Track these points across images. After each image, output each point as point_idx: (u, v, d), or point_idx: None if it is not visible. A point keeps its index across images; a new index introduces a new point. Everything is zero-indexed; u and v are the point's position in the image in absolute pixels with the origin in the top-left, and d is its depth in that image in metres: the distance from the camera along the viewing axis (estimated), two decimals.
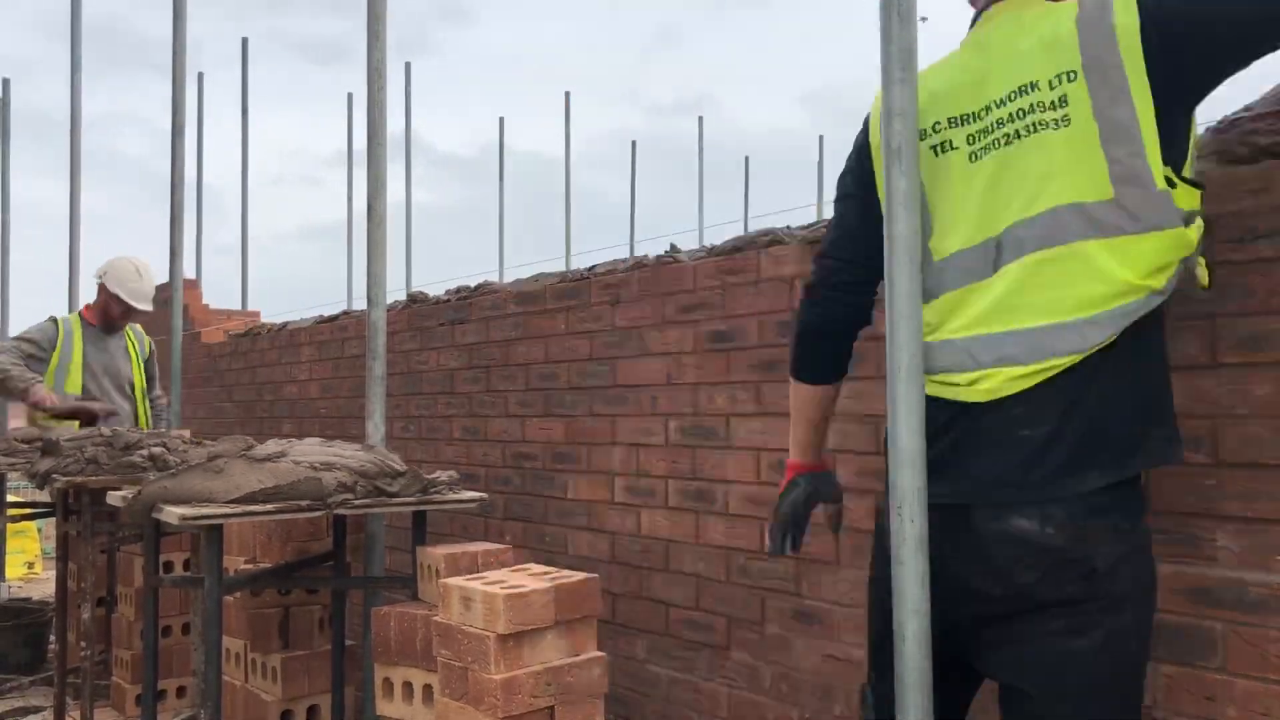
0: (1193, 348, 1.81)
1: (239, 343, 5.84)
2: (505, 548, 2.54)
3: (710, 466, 2.81)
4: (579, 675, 2.08)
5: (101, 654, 4.33)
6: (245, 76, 9.95)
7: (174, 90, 5.00)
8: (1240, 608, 1.75)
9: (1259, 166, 1.73)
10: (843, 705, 2.44)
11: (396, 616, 2.41)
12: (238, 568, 3.51)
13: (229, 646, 3.57)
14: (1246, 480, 1.75)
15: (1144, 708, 1.86)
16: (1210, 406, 1.79)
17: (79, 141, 6.76)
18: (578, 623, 2.20)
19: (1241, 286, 1.75)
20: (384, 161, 3.20)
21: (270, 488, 2.45)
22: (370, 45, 3.17)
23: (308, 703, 3.41)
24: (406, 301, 4.34)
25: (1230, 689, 1.76)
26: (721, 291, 2.77)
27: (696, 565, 2.84)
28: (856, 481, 2.41)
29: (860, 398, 2.40)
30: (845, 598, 2.43)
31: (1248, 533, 1.74)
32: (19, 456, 4.00)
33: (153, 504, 2.48)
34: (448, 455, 3.96)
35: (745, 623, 2.69)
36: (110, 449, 3.32)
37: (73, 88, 6.75)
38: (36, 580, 8.02)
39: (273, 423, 5.34)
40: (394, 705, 2.41)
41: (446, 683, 2.12)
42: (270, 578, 3.14)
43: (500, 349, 3.68)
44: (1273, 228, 1.72)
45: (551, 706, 2.03)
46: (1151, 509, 1.86)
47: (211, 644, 2.47)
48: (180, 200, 5.04)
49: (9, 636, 4.98)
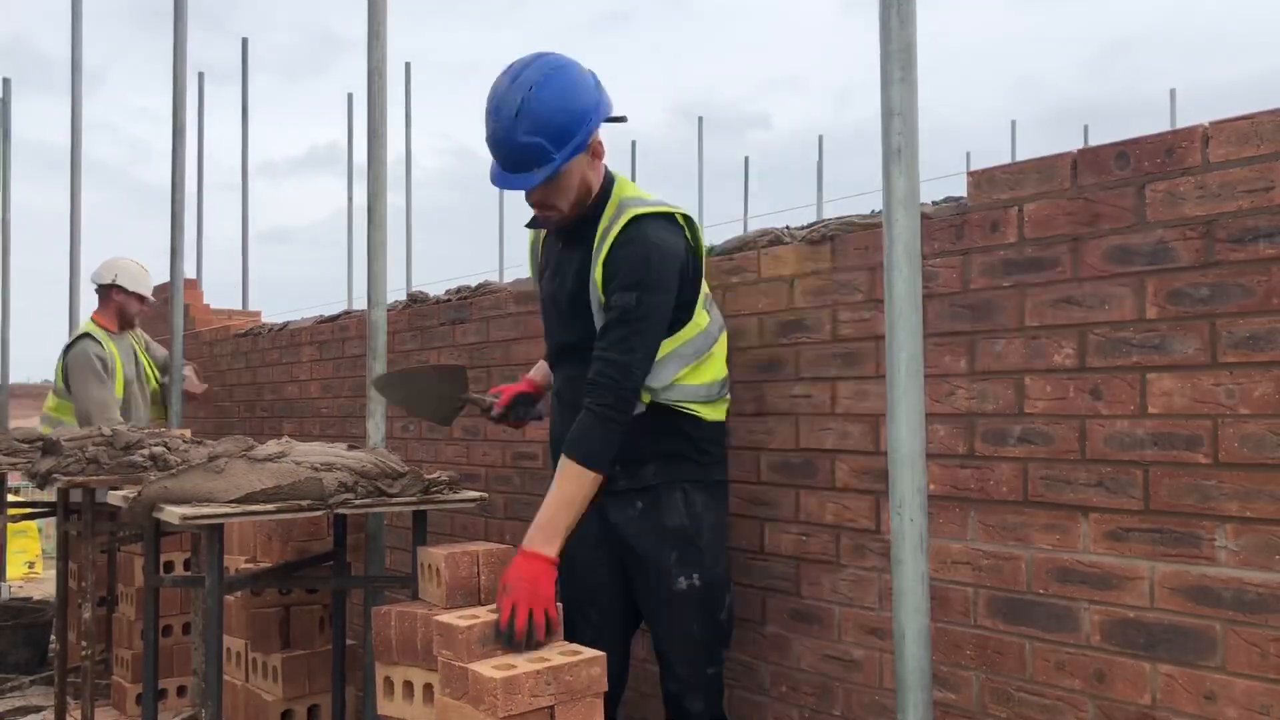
0: (1193, 348, 1.82)
1: (239, 342, 5.84)
2: (505, 548, 2.53)
3: None
4: (579, 675, 2.08)
5: (102, 653, 4.33)
6: (245, 76, 9.96)
7: (174, 90, 5.00)
8: (1240, 608, 1.75)
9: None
10: (842, 705, 2.44)
11: (397, 616, 2.41)
12: (238, 567, 3.51)
13: (229, 646, 3.57)
14: (1246, 480, 1.75)
15: (1144, 707, 1.87)
16: (1210, 406, 1.79)
17: (79, 143, 6.76)
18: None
19: (1241, 286, 1.76)
20: (384, 162, 3.20)
21: (271, 488, 2.45)
22: (370, 45, 3.16)
23: (308, 702, 3.41)
24: (407, 301, 4.34)
25: (1230, 689, 1.76)
26: (721, 291, 2.78)
27: None
28: (856, 481, 2.41)
29: (860, 398, 2.40)
30: (845, 598, 2.43)
31: (1248, 533, 1.75)
32: (19, 456, 4.00)
33: (153, 504, 2.48)
34: (448, 455, 3.96)
35: (745, 623, 2.69)
36: (110, 449, 3.32)
37: (73, 88, 6.75)
38: (37, 580, 8.02)
39: (273, 422, 5.34)
40: (395, 704, 2.42)
41: (447, 682, 2.12)
42: (271, 577, 3.14)
43: (501, 349, 3.68)
44: (1273, 228, 1.72)
45: (552, 706, 2.03)
46: (1151, 508, 1.86)
47: (212, 644, 2.48)
48: (181, 200, 5.04)
49: (9, 636, 4.98)
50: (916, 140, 1.59)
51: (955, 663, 2.19)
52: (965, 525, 2.17)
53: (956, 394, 2.19)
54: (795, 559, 2.56)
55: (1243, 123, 1.76)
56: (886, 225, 1.59)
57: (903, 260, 1.57)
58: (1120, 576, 1.91)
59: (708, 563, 2.40)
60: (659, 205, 2.37)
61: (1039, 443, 2.04)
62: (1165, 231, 1.85)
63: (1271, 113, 1.73)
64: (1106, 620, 1.93)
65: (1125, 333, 1.91)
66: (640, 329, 2.26)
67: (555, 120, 2.22)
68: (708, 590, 2.40)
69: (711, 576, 2.41)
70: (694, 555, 2.38)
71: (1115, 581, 1.92)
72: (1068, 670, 1.99)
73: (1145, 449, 1.88)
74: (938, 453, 2.20)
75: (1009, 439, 2.09)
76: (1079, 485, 1.98)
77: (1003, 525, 2.10)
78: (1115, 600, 1.92)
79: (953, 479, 2.19)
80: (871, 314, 2.36)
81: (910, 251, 1.57)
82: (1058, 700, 2.01)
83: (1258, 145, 1.74)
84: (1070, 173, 2.00)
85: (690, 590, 2.38)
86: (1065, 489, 2.00)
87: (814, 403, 2.51)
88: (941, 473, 2.21)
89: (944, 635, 2.19)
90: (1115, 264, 1.92)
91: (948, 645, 2.19)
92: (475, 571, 2.46)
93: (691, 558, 2.38)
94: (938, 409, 2.20)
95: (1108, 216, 1.94)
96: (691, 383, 2.40)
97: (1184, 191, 1.83)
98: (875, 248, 2.36)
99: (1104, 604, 1.94)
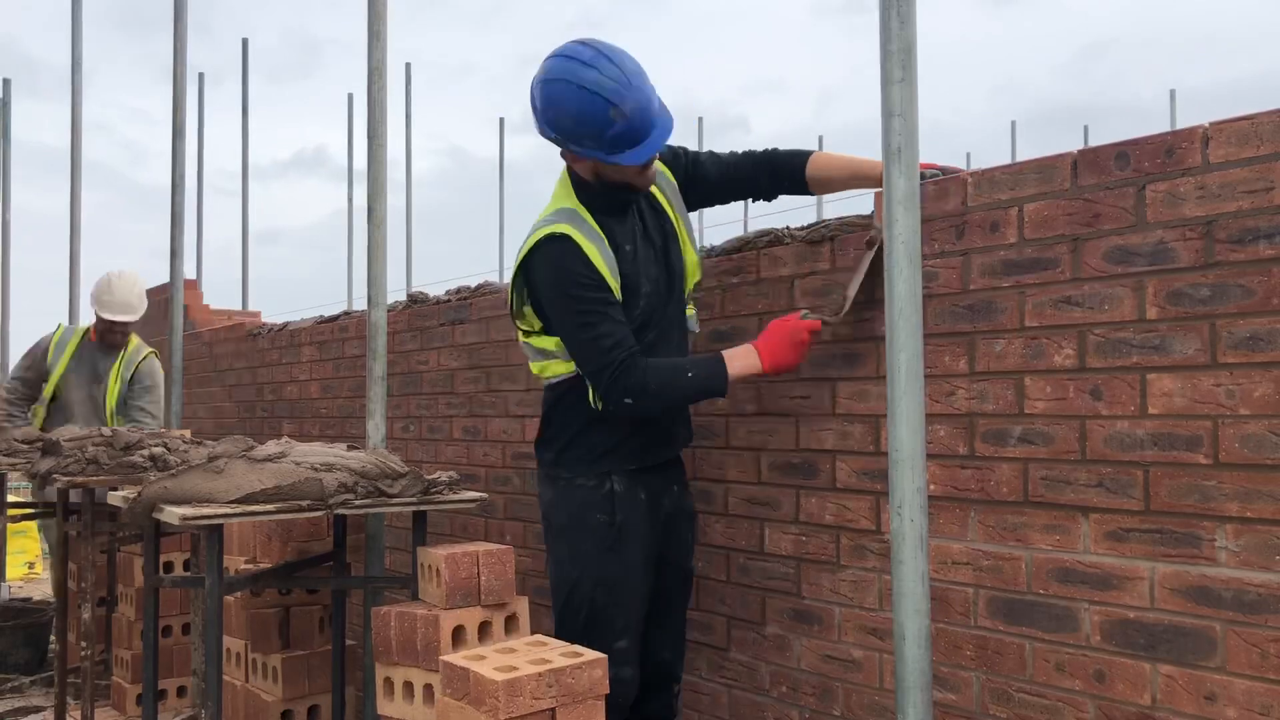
0: (1193, 348, 1.82)
1: (239, 343, 5.84)
2: (506, 548, 2.53)
3: (710, 466, 2.81)
4: (580, 676, 2.08)
5: (102, 654, 4.33)
6: (245, 76, 9.96)
7: (174, 90, 5.00)
8: (1240, 608, 1.75)
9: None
10: (842, 705, 2.44)
11: (397, 616, 2.41)
12: (238, 568, 3.51)
13: (229, 646, 3.57)
14: (1246, 480, 1.75)
15: (1144, 707, 1.87)
16: (1210, 407, 1.79)
17: (79, 143, 6.76)
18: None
19: (1242, 286, 1.76)
20: (384, 162, 3.20)
21: (271, 488, 2.46)
22: (370, 45, 3.16)
23: (308, 702, 3.41)
24: (406, 302, 4.34)
25: (1230, 689, 1.76)
26: (721, 291, 2.78)
27: (696, 565, 2.84)
28: (856, 482, 2.41)
29: (860, 398, 2.40)
30: (845, 598, 2.43)
31: (1248, 533, 1.75)
32: (19, 456, 4.00)
33: (153, 504, 2.48)
34: (448, 455, 3.96)
35: (745, 623, 2.69)
36: (110, 449, 3.33)
37: (73, 89, 6.75)
38: (37, 580, 8.02)
39: (273, 423, 5.34)
40: (394, 705, 2.42)
41: (447, 683, 2.13)
42: (270, 578, 3.14)
43: (500, 349, 3.68)
44: (1273, 227, 1.72)
45: (553, 708, 2.03)
46: (1151, 509, 1.86)
47: (212, 644, 2.48)
48: (181, 200, 5.04)
49: (9, 636, 4.98)
50: (917, 140, 1.60)
51: (955, 663, 2.19)
52: (965, 525, 2.17)
53: (956, 394, 2.19)
54: (795, 559, 2.56)
55: (1243, 123, 1.76)
56: (886, 225, 1.59)
57: (903, 260, 1.57)
58: (1120, 577, 1.91)
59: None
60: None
61: (1039, 443, 2.04)
62: (1165, 232, 1.85)
63: (1271, 113, 1.73)
64: (1106, 621, 1.93)
65: (1125, 333, 1.91)
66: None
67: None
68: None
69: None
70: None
71: (1115, 582, 1.92)
72: (1068, 671, 1.99)
73: (1145, 449, 1.88)
74: (938, 453, 2.20)
75: (1009, 439, 2.09)
76: (1079, 485, 1.98)
77: (1003, 525, 2.10)
78: (1115, 601, 1.92)
79: (953, 479, 2.19)
80: (872, 314, 2.36)
81: (910, 251, 1.57)
82: (1058, 701, 2.01)
83: (1258, 145, 1.74)
84: (1070, 173, 2.00)
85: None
86: (1065, 489, 2.00)
87: (814, 403, 2.51)
88: (941, 473, 2.21)
89: (944, 635, 2.19)
90: (1115, 264, 1.92)
91: (948, 645, 2.19)
92: (475, 572, 2.47)
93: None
94: (938, 409, 2.20)
95: (1108, 217, 1.94)
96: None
97: (1184, 192, 1.83)
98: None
99: (1104, 604, 1.94)
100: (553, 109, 2.32)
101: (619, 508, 2.45)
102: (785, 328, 2.35)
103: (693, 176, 2.63)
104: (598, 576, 2.44)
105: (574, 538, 2.48)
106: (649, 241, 2.52)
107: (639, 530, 2.47)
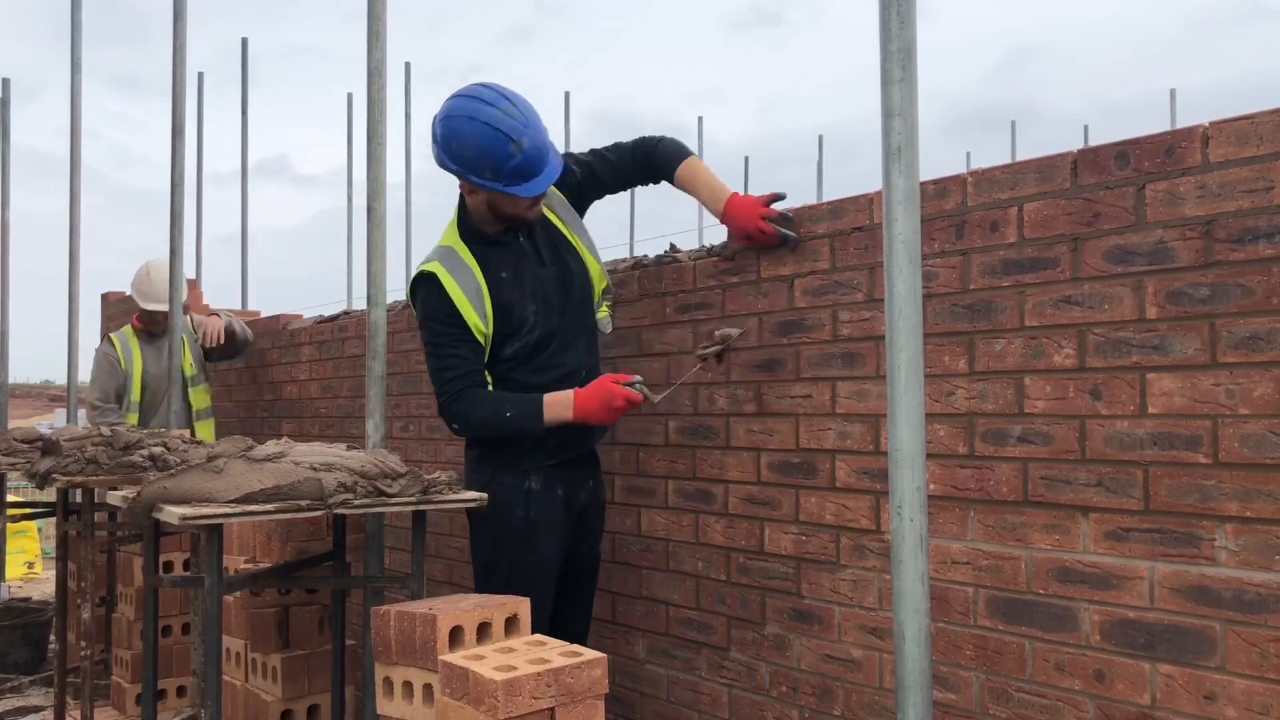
0: (1193, 348, 1.82)
1: None
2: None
3: (710, 466, 2.81)
4: (580, 676, 2.08)
5: (101, 654, 4.33)
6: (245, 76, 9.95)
7: (174, 90, 4.99)
8: (1240, 608, 1.75)
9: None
10: (842, 705, 2.44)
11: (396, 616, 2.41)
12: (238, 567, 3.51)
13: (229, 646, 3.57)
14: (1246, 480, 1.75)
15: (1144, 707, 1.87)
16: (1210, 406, 1.79)
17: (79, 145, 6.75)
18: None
19: (1241, 286, 1.76)
20: (384, 162, 3.19)
21: (270, 488, 2.45)
22: (370, 45, 3.16)
23: (308, 702, 3.41)
24: (406, 302, 4.34)
25: (1230, 689, 1.76)
26: (721, 291, 2.78)
27: (696, 565, 2.84)
28: (856, 481, 2.41)
29: (860, 397, 2.40)
30: (845, 597, 2.43)
31: (1248, 533, 1.75)
32: (19, 456, 4.00)
33: (153, 504, 2.48)
34: (448, 455, 3.96)
35: (745, 623, 2.69)
36: (110, 449, 3.32)
37: (72, 89, 6.74)
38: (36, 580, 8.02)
39: (273, 422, 5.34)
40: (394, 705, 2.41)
41: (446, 682, 2.12)
42: (270, 577, 3.14)
43: None
44: (1273, 227, 1.72)
45: (552, 708, 2.03)
46: (1151, 508, 1.86)
47: (211, 644, 2.47)
48: (180, 200, 5.03)
49: (9, 636, 4.99)
50: (916, 140, 1.59)
51: (955, 663, 2.19)
52: (965, 525, 2.17)
53: (956, 394, 2.19)
54: (795, 559, 2.56)
55: (1243, 123, 1.76)
56: (886, 225, 1.59)
57: (903, 260, 1.57)
58: (1120, 576, 1.91)
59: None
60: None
61: (1039, 443, 2.04)
62: (1165, 231, 1.85)
63: (1271, 112, 1.73)
64: (1106, 620, 1.93)
65: (1125, 333, 1.91)
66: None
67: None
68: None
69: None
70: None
71: (1115, 581, 1.92)
72: (1067, 670, 1.99)
73: (1145, 449, 1.88)
74: (938, 453, 2.20)
75: (1009, 439, 2.09)
76: (1079, 485, 1.98)
77: (1002, 525, 2.10)
78: (1115, 600, 1.92)
79: (953, 479, 2.19)
80: (871, 314, 2.36)
81: (910, 251, 1.57)
82: (1057, 700, 2.01)
83: (1258, 145, 1.74)
84: (1070, 172, 2.00)
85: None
86: (1065, 489, 2.00)
87: (814, 403, 2.51)
88: (941, 473, 2.21)
89: (944, 635, 2.19)
90: (1115, 264, 1.92)
91: (947, 645, 2.19)
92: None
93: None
94: (938, 409, 2.20)
95: (1107, 216, 1.94)
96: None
97: (1184, 191, 1.83)
98: (875, 248, 2.36)
99: (1104, 604, 1.94)
100: (455, 141, 2.56)
101: (534, 504, 2.74)
102: (606, 390, 2.59)
103: (586, 183, 2.90)
104: (512, 561, 2.73)
105: (494, 528, 2.76)
106: (539, 260, 2.78)
107: (551, 522, 2.75)
